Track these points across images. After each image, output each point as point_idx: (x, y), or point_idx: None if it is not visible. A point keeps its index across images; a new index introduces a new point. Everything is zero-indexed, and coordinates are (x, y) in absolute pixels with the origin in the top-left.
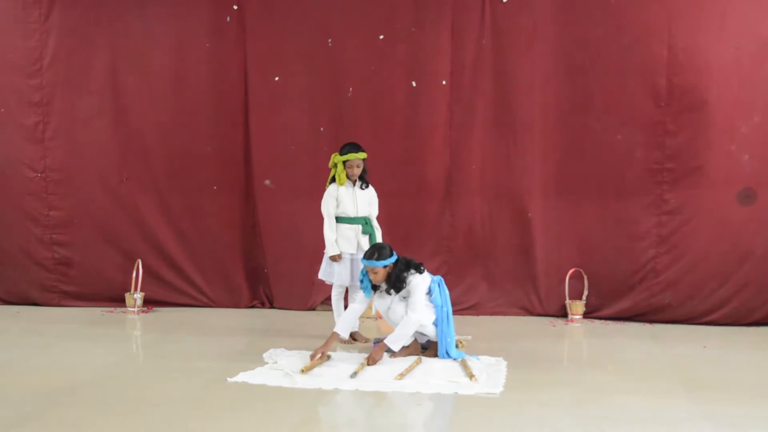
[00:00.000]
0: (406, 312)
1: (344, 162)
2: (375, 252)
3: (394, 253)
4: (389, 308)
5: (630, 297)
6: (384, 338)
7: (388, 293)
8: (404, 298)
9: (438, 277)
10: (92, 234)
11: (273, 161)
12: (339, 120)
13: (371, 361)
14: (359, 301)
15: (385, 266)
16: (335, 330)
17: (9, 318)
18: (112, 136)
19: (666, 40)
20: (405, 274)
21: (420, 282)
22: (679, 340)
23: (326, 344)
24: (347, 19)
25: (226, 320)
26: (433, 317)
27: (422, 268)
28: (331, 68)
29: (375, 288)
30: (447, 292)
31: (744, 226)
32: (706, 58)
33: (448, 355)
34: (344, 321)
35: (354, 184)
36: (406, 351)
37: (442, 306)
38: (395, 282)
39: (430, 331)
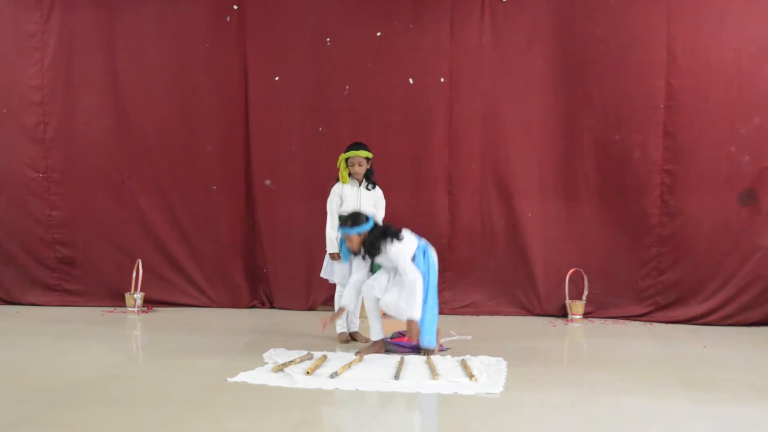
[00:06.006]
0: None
1: (347, 160)
2: (349, 219)
3: (371, 221)
4: (382, 288)
5: (630, 297)
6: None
7: (363, 258)
8: (387, 271)
9: (424, 243)
10: (94, 233)
11: (273, 161)
12: (338, 119)
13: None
14: (356, 269)
15: (359, 233)
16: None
17: (9, 318)
18: (112, 136)
19: (665, 41)
20: (380, 242)
21: (400, 249)
22: (679, 340)
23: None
24: (346, 17)
25: (226, 320)
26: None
27: (401, 235)
28: (331, 67)
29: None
30: (433, 260)
31: (744, 227)
32: (706, 60)
33: (425, 341)
34: (349, 296)
35: (360, 184)
36: (372, 348)
37: (425, 275)
38: (369, 248)
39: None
